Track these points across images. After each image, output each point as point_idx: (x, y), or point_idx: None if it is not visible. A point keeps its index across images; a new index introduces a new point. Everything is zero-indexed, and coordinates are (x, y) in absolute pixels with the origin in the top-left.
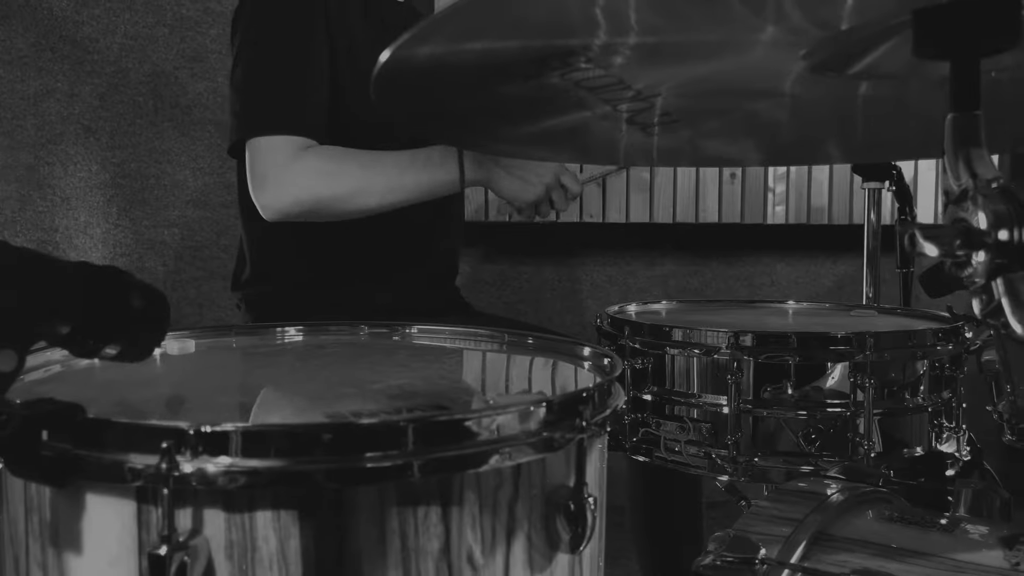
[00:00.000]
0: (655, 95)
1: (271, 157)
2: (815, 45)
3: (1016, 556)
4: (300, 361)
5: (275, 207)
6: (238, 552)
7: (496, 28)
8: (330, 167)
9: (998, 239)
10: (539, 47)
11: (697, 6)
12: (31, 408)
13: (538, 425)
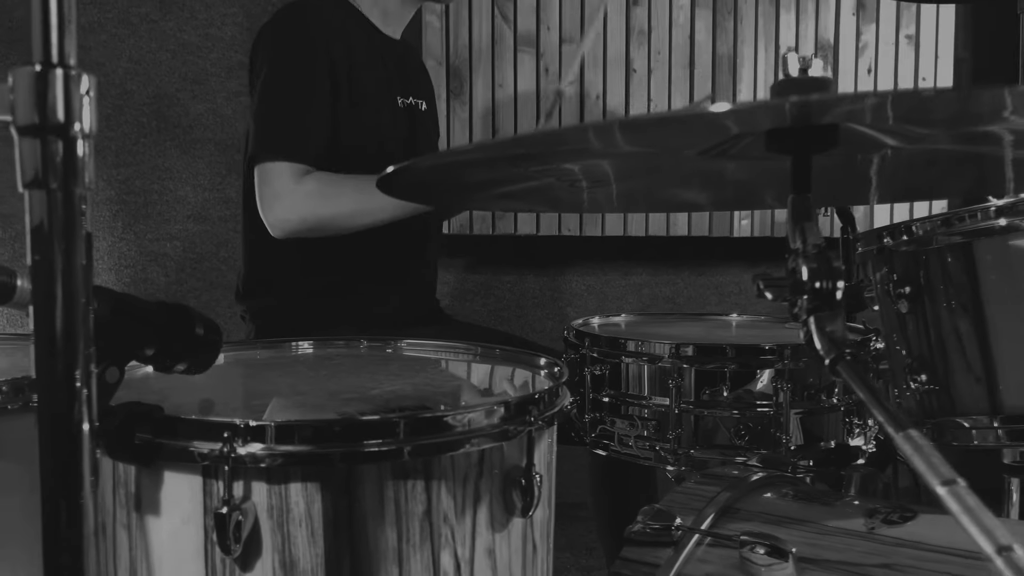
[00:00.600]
0: (609, 182)
1: (278, 181)
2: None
3: (872, 523)
4: (311, 371)
5: (282, 226)
6: (276, 512)
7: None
8: (330, 190)
9: (814, 287)
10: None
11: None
12: (127, 408)
13: (498, 420)
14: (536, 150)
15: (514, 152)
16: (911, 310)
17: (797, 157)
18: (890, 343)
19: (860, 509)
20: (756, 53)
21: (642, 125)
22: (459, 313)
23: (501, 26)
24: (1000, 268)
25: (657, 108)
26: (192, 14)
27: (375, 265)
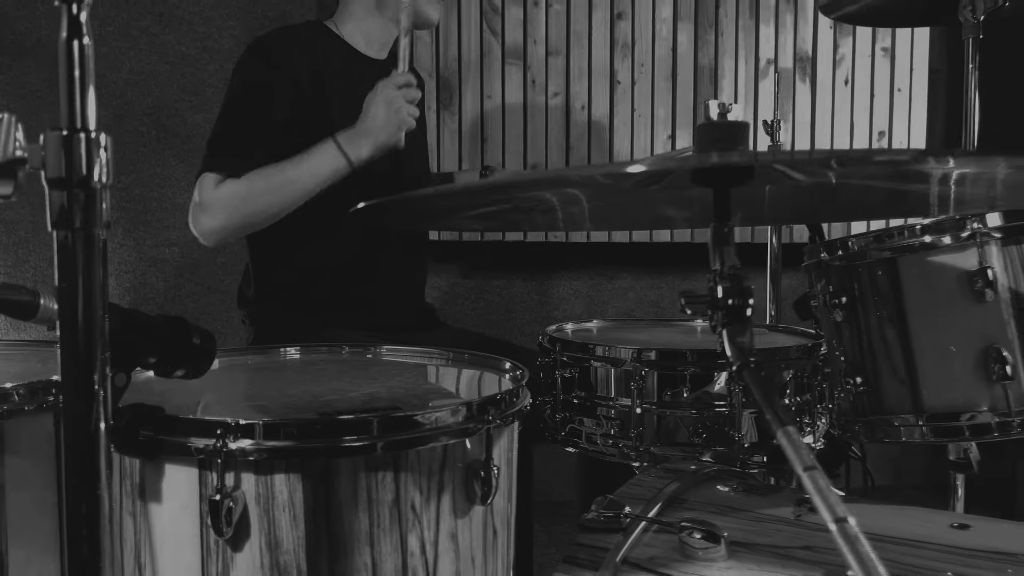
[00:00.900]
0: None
1: (200, 193)
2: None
3: (800, 511)
4: (297, 374)
5: (208, 235)
6: (263, 500)
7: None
8: (241, 189)
9: (727, 304)
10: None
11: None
12: (132, 409)
13: (460, 419)
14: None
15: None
16: (846, 319)
17: (717, 191)
18: (830, 349)
19: (791, 499)
20: (736, 65)
21: (573, 182)
22: (450, 316)
23: (489, 39)
24: (921, 281)
25: (640, 118)
26: (191, 27)
27: (368, 273)
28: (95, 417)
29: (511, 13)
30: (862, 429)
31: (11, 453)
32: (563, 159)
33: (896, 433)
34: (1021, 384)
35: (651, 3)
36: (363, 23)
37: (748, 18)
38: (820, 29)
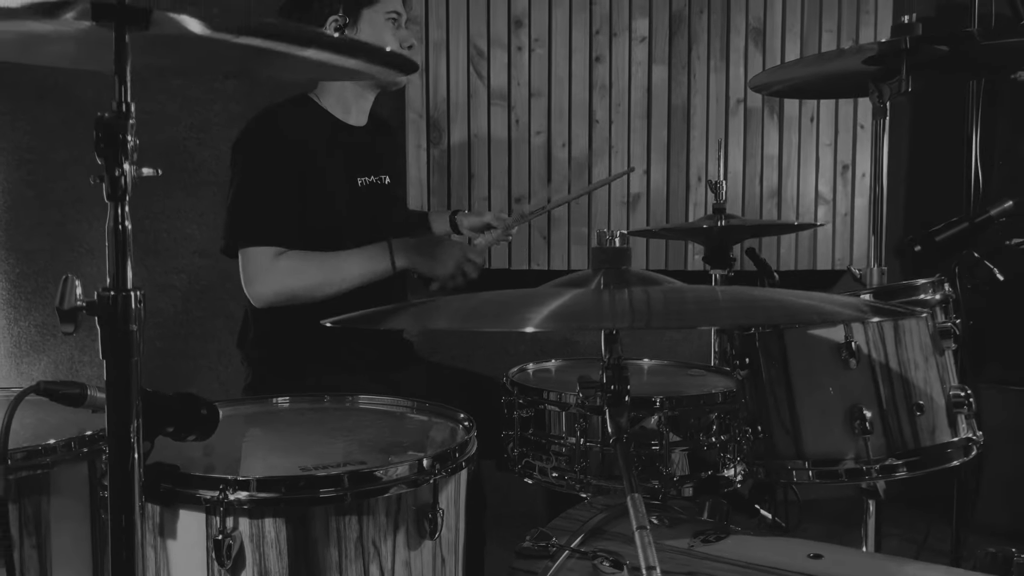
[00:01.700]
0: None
1: (256, 262)
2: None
3: (693, 542)
4: (286, 425)
5: (261, 300)
6: (256, 538)
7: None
8: (299, 266)
9: (610, 388)
10: None
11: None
12: (156, 467)
13: (412, 473)
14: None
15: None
16: (747, 377)
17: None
18: (740, 401)
19: (690, 531)
20: (708, 104)
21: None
22: (438, 341)
23: (476, 82)
24: (802, 351)
25: (617, 153)
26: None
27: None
28: (131, 470)
29: (496, 57)
30: (762, 471)
31: (55, 495)
32: (545, 192)
33: (789, 475)
34: (878, 437)
35: (627, 47)
36: (340, 94)
37: (719, 59)
38: None
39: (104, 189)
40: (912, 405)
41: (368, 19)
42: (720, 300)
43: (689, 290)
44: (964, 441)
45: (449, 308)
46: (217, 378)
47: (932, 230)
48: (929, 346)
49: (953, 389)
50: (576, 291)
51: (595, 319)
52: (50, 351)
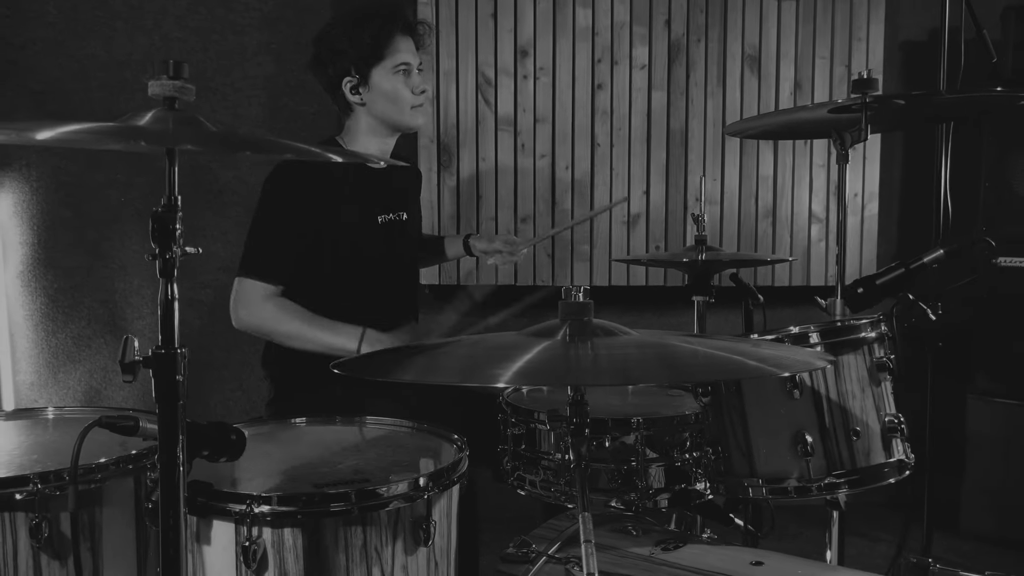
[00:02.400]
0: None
1: (247, 293)
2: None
3: (654, 550)
4: (304, 443)
5: (240, 326)
6: (276, 545)
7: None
8: (280, 317)
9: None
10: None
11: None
12: (193, 484)
13: (409, 490)
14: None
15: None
16: (709, 404)
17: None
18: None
19: (653, 539)
20: (705, 128)
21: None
22: None
23: (484, 109)
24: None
25: (618, 176)
26: (223, 96)
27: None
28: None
29: (503, 85)
30: (722, 487)
31: (107, 505)
32: (549, 213)
33: (745, 491)
34: (819, 459)
35: (628, 75)
36: (364, 140)
37: (715, 85)
38: (781, 95)
39: (157, 267)
40: (850, 430)
41: (378, 76)
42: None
43: (646, 346)
44: (898, 462)
45: (424, 361)
46: (240, 386)
47: (872, 275)
48: (866, 378)
49: (888, 416)
50: (544, 343)
51: (558, 378)
52: (85, 361)
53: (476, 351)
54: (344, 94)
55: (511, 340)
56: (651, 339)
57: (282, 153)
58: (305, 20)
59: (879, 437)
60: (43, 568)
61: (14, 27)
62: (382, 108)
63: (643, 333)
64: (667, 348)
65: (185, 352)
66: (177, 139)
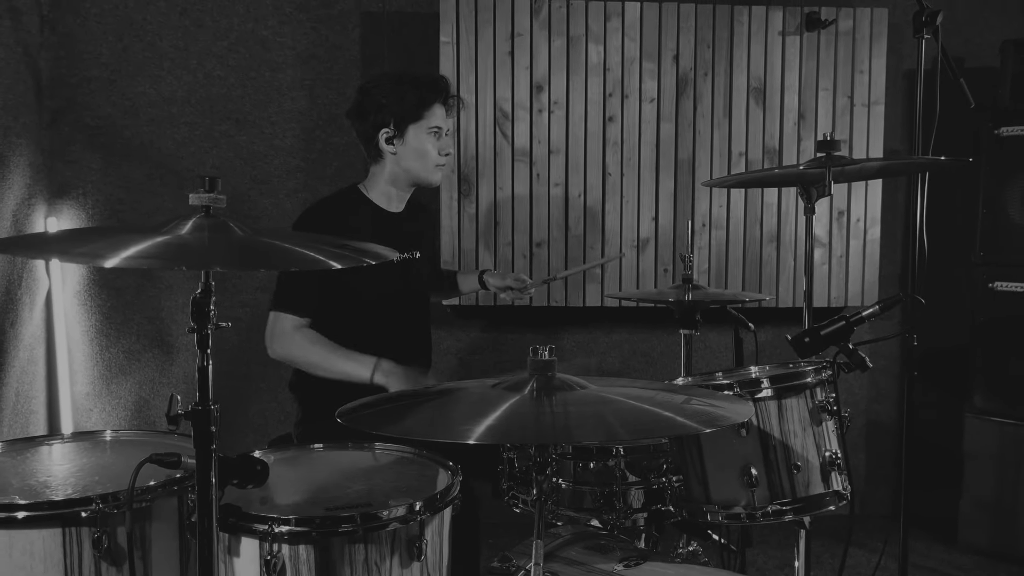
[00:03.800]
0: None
1: (280, 325)
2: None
3: (618, 566)
4: (320, 468)
5: (274, 355)
6: (293, 559)
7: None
8: (306, 346)
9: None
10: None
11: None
12: (225, 507)
13: (405, 514)
14: None
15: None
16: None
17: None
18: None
19: (618, 556)
20: (712, 157)
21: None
22: (473, 363)
23: (501, 141)
24: None
25: (628, 203)
26: (260, 130)
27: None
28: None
29: (520, 119)
30: (685, 511)
31: (155, 521)
32: (563, 238)
33: (704, 515)
34: (763, 489)
35: (637, 108)
36: (384, 190)
37: (722, 116)
38: (785, 126)
39: (195, 340)
40: (791, 465)
41: (413, 133)
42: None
43: (599, 403)
44: (835, 492)
45: (410, 414)
46: (275, 398)
47: (817, 326)
48: (807, 419)
49: (828, 452)
50: (514, 398)
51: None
52: (135, 373)
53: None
54: (378, 142)
55: (487, 396)
56: (605, 395)
57: (299, 266)
58: (336, 58)
59: (818, 471)
60: (103, 573)
61: (70, 67)
62: (410, 162)
63: (599, 385)
64: (618, 406)
65: (217, 408)
66: (210, 262)
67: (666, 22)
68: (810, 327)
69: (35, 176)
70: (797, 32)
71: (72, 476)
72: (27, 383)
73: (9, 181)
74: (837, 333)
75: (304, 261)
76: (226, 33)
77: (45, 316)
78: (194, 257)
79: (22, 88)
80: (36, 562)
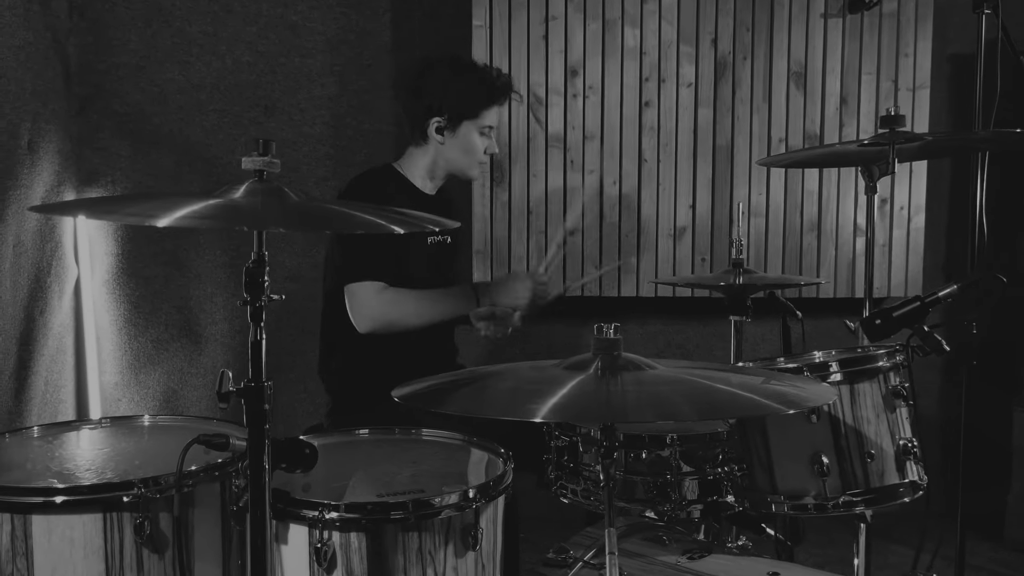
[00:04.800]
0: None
1: (362, 295)
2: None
3: (680, 559)
4: (367, 454)
5: (365, 325)
6: (344, 547)
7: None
8: (398, 299)
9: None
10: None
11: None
12: (275, 492)
13: (459, 501)
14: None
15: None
16: (735, 423)
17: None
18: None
19: (679, 549)
20: (751, 144)
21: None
22: (502, 356)
23: (535, 127)
24: None
25: (664, 190)
26: (289, 117)
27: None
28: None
29: (554, 104)
30: (747, 502)
31: (198, 506)
32: (598, 226)
33: (768, 506)
34: (834, 479)
35: (675, 92)
36: (420, 172)
37: (762, 101)
38: (827, 111)
39: (248, 312)
40: (864, 453)
41: (466, 128)
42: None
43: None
44: (911, 483)
45: (472, 392)
46: (305, 388)
47: (889, 307)
48: (881, 404)
49: (903, 440)
50: (579, 377)
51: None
52: (164, 363)
53: (519, 384)
54: (427, 128)
55: (549, 374)
56: (675, 374)
57: (361, 229)
58: (366, 43)
59: (893, 459)
60: (144, 560)
61: (99, 54)
62: (455, 155)
63: (667, 366)
64: (691, 385)
65: (271, 386)
66: (265, 222)
67: (704, 4)
68: (881, 308)
69: (64, 163)
70: (839, 14)
71: (112, 460)
72: (56, 372)
73: (39, 168)
74: (911, 315)
75: (365, 224)
76: (255, 18)
77: (74, 305)
78: (250, 218)
79: (51, 74)
80: (75, 549)
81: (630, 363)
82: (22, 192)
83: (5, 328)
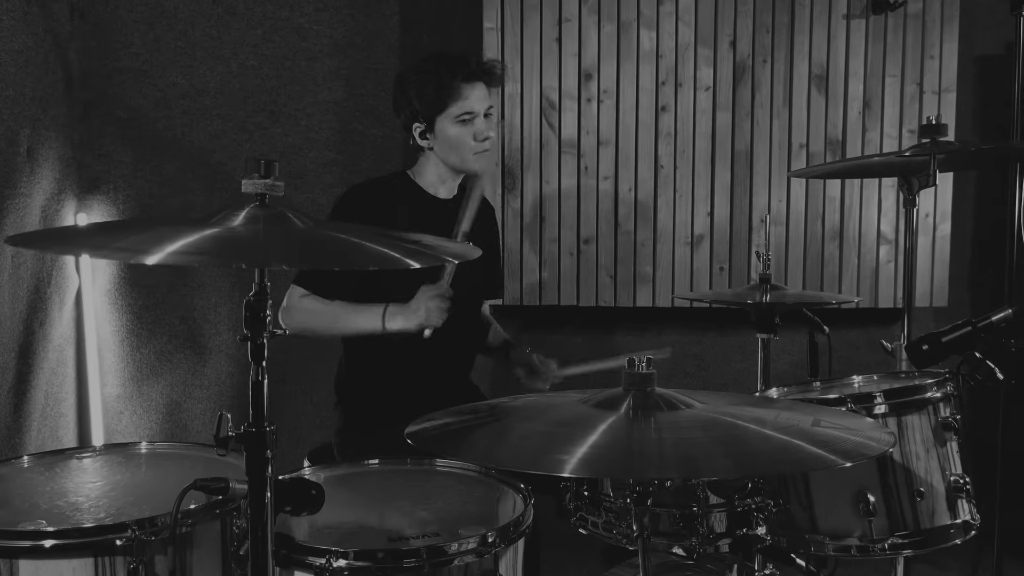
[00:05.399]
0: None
1: (289, 297)
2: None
3: None
4: (376, 490)
5: (290, 331)
6: None
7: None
8: (313, 309)
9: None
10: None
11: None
12: (278, 537)
13: (476, 546)
14: None
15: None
16: None
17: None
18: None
19: None
20: (771, 149)
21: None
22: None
23: (548, 132)
24: None
25: (682, 197)
26: (295, 122)
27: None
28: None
29: (567, 109)
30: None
31: (196, 547)
32: (612, 234)
33: (807, 546)
34: (881, 519)
35: (692, 96)
36: (431, 179)
37: (782, 106)
38: (849, 114)
39: (248, 350)
40: (913, 491)
41: (442, 124)
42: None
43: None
44: (963, 523)
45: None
46: (311, 400)
47: (938, 332)
48: (931, 439)
49: (954, 476)
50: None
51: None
52: (167, 374)
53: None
54: (414, 137)
55: (576, 413)
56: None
57: (373, 265)
58: (374, 46)
59: (944, 498)
60: None
61: (101, 58)
62: (445, 154)
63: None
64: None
65: (274, 429)
66: (266, 258)
67: (723, 6)
68: (930, 333)
69: (65, 170)
70: (863, 15)
71: (105, 496)
72: (56, 385)
73: (38, 175)
74: (961, 340)
75: (380, 258)
76: (260, 21)
77: (75, 315)
78: (250, 253)
79: (52, 79)
80: None
81: (664, 400)
82: (21, 201)
83: (3, 341)
